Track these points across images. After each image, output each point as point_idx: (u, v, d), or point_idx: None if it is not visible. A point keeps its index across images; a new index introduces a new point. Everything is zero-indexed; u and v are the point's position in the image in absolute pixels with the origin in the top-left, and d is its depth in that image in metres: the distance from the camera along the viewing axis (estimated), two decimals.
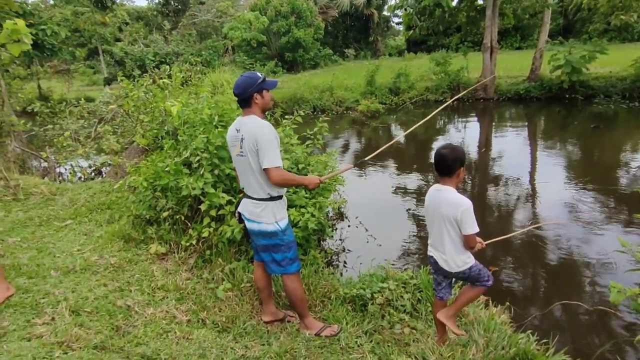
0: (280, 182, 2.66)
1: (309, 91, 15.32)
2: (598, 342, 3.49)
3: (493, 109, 14.53)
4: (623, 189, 6.92)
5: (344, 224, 6.01)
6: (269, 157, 2.60)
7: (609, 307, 3.77)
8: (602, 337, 3.58)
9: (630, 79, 13.79)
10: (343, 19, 31.31)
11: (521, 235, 5.32)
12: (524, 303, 4.15)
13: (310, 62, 24.49)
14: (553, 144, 10.27)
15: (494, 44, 14.77)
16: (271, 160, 2.60)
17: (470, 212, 2.46)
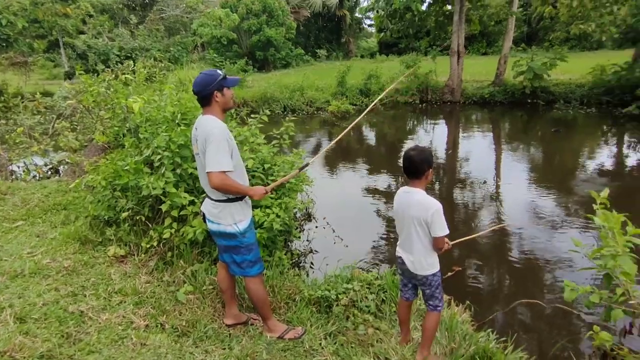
0: (219, 187, 2.56)
1: (279, 90, 15.22)
2: (555, 339, 3.61)
3: (460, 112, 14.89)
4: (581, 191, 7.22)
5: (312, 225, 5.98)
6: (213, 159, 2.50)
7: (565, 305, 3.92)
8: (559, 333, 3.71)
9: (588, 86, 14.46)
10: (315, 19, 31.33)
11: (483, 235, 5.45)
12: (485, 302, 4.25)
13: (281, 62, 24.36)
14: (516, 147, 10.63)
15: (460, 49, 15.14)
16: (214, 163, 2.50)
17: (440, 213, 2.48)
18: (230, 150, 2.61)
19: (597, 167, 8.68)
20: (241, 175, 2.79)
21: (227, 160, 2.54)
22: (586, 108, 13.99)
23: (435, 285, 2.71)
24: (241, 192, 2.69)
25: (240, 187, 2.68)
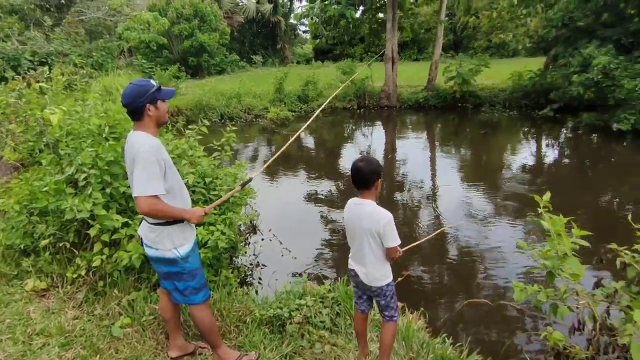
0: (149, 213, 2.30)
1: (215, 98, 14.71)
2: (506, 337, 3.73)
3: (396, 117, 15.39)
4: (511, 188, 7.70)
5: (257, 238, 5.76)
6: (139, 182, 2.24)
7: (511, 302, 4.08)
8: (509, 331, 3.85)
9: (508, 90, 15.65)
10: (249, 25, 30.91)
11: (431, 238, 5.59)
12: (436, 305, 4.32)
13: (216, 68, 23.67)
14: (450, 149, 11.16)
15: (394, 56, 15.68)
16: (141, 187, 2.24)
17: (392, 224, 2.45)
18: (163, 170, 2.33)
19: (521, 164, 9.37)
20: (179, 196, 2.52)
21: (156, 183, 2.27)
22: (509, 111, 15.12)
23: (390, 295, 2.70)
24: (175, 216, 2.42)
25: (174, 210, 2.41)
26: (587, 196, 7.28)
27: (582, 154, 10.52)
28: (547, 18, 12.77)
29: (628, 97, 10.27)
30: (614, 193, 7.58)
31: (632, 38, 11.08)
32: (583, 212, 6.52)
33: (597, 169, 9.22)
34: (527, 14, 14.00)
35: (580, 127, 12.03)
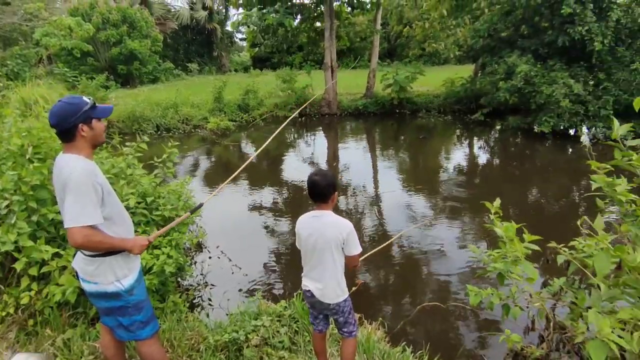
0: (84, 245, 2.05)
1: (150, 108, 13.93)
2: (461, 339, 3.83)
3: (337, 124, 15.59)
4: (451, 190, 8.05)
5: (204, 256, 5.48)
6: (72, 212, 1.99)
7: (462, 304, 4.22)
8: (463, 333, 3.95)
9: (442, 96, 16.54)
10: (184, 32, 29.90)
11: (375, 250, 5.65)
12: (392, 312, 4.35)
13: (148, 76, 22.52)
14: (391, 154, 11.49)
15: (333, 64, 15.91)
16: (74, 216, 1.99)
17: (354, 232, 2.48)
18: (100, 195, 2.09)
19: (457, 167, 9.90)
20: (120, 223, 2.28)
21: (92, 211, 2.02)
22: (443, 116, 15.95)
23: (348, 311, 2.69)
24: (115, 246, 2.17)
25: (113, 241, 2.16)
26: (516, 194, 7.82)
27: (509, 155, 11.32)
28: (475, 29, 13.69)
29: (547, 102, 11.24)
30: (539, 190, 8.21)
31: (547, 48, 12.17)
32: (514, 210, 6.98)
33: (524, 169, 9.96)
34: (456, 24, 14.96)
35: (507, 129, 12.98)
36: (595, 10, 10.98)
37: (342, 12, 16.75)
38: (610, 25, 10.99)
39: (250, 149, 12.37)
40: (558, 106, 11.04)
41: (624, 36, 11.60)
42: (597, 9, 11.01)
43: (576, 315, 2.48)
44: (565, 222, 6.48)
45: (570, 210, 7.13)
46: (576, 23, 10.97)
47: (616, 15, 10.95)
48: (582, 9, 10.78)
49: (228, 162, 10.79)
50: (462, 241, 5.91)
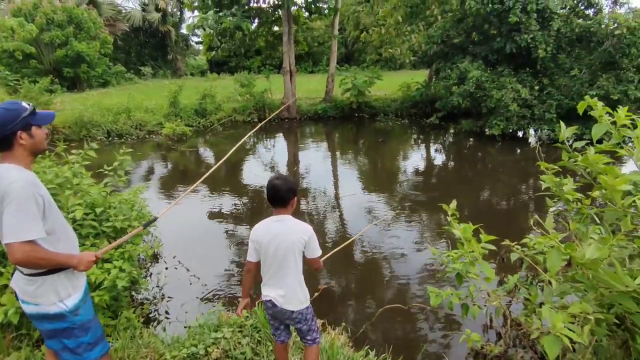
0: (25, 262, 1.90)
1: (100, 113, 13.26)
2: (423, 339, 3.87)
3: (297, 128, 15.57)
4: (409, 192, 8.21)
5: (160, 267, 5.25)
6: (11, 226, 1.85)
7: (423, 304, 4.28)
8: (425, 333, 4.00)
9: (399, 100, 16.95)
10: (135, 34, 28.82)
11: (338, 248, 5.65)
12: (354, 316, 4.34)
13: (98, 80, 21.46)
14: (351, 157, 11.59)
15: (292, 68, 15.88)
16: (13, 231, 1.85)
17: (315, 235, 2.51)
18: (42, 208, 1.94)
19: (414, 169, 10.16)
20: (64, 238, 2.12)
21: (33, 225, 1.88)
22: (400, 119, 16.35)
23: (311, 318, 2.67)
24: (59, 263, 2.02)
25: (57, 257, 2.01)
26: (471, 195, 8.11)
27: (463, 157, 11.75)
28: (428, 35, 14.14)
29: (497, 106, 11.78)
30: (492, 190, 8.57)
31: (497, 55, 12.77)
32: (469, 210, 7.23)
33: (477, 170, 10.37)
34: (411, 31, 15.41)
35: (461, 132, 13.48)
36: (539, 19, 11.65)
37: (299, 16, 16.77)
38: (552, 34, 11.71)
39: (208, 155, 12.08)
40: (507, 110, 11.59)
41: (564, 44, 12.40)
42: (540, 18, 11.69)
43: (530, 311, 2.58)
44: (517, 220, 6.78)
45: (521, 209, 7.48)
46: (522, 31, 11.60)
47: (557, 24, 11.68)
48: (527, 18, 11.41)
49: (185, 169, 10.46)
50: (422, 242, 6.03)
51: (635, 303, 1.78)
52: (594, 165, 2.04)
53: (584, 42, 12.27)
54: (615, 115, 2.07)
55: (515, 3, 11.28)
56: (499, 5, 11.55)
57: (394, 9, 15.77)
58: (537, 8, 11.34)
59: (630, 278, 1.65)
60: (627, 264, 2.11)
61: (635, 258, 2.06)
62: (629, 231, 2.04)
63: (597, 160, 2.03)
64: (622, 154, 2.05)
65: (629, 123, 2.08)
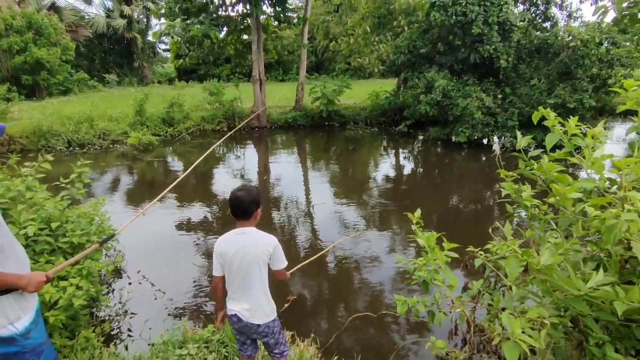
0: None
1: (60, 122, 12.73)
2: (392, 348, 3.88)
3: (267, 137, 15.48)
4: (380, 199, 8.29)
5: (124, 282, 5.05)
6: None
7: (392, 312, 4.30)
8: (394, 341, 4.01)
9: (368, 109, 17.18)
10: (99, 41, 28.00)
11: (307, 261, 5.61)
12: (324, 326, 4.31)
13: (58, 88, 20.64)
14: (322, 166, 11.61)
15: (262, 77, 15.83)
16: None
17: (280, 246, 2.49)
18: None
19: (384, 176, 10.28)
20: (12, 257, 2.00)
21: None
22: (370, 127, 16.57)
23: (278, 331, 2.63)
24: (7, 284, 1.92)
25: (4, 278, 1.90)
26: (438, 201, 8.27)
27: (431, 164, 12.00)
28: (396, 45, 14.44)
29: (462, 114, 12.12)
30: (458, 197, 8.77)
31: (462, 64, 13.18)
32: (436, 216, 7.37)
33: (444, 177, 10.60)
34: (379, 40, 15.70)
35: (428, 140, 13.79)
36: (500, 31, 12.12)
37: (269, 25, 16.78)
38: (512, 45, 12.21)
39: (176, 165, 11.81)
40: (472, 118, 11.95)
41: (524, 55, 12.94)
42: (502, 30, 12.16)
43: (493, 317, 2.63)
44: (482, 225, 6.96)
45: (486, 214, 7.69)
46: (485, 42, 12.03)
47: (517, 36, 12.20)
48: (489, 30, 11.85)
49: (152, 180, 10.18)
50: (391, 250, 6.08)
51: (588, 306, 1.84)
52: (547, 173, 2.11)
53: (542, 53, 12.85)
54: (567, 125, 2.16)
55: (478, 15, 11.69)
56: (462, 17, 11.94)
57: (362, 19, 16.05)
58: (498, 20, 11.80)
59: (582, 282, 1.70)
60: (581, 267, 2.19)
61: (588, 262, 2.14)
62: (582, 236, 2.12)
63: (550, 169, 2.11)
64: (573, 161, 2.13)
65: (579, 132, 2.17)
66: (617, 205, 1.78)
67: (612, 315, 1.84)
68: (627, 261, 2.03)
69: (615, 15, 3.71)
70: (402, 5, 15.42)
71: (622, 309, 1.61)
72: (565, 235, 2.14)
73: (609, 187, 2.07)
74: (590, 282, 1.68)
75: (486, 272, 3.00)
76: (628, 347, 1.92)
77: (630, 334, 1.93)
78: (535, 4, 13.56)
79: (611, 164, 2.04)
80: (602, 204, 1.88)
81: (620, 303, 1.61)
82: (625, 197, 1.71)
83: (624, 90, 2.05)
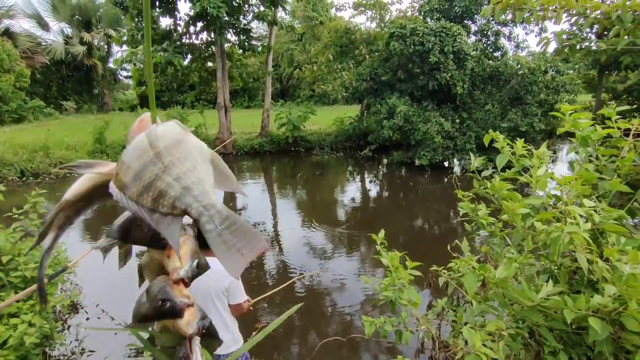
0: None
1: (12, 151, 12.17)
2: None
3: (233, 163, 15.38)
4: (347, 223, 8.37)
5: (81, 318, 4.79)
6: None
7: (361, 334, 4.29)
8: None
9: (334, 134, 17.51)
10: (57, 67, 27.20)
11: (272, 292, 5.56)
12: (294, 352, 4.24)
13: (12, 115, 19.79)
14: (289, 191, 11.63)
15: (227, 103, 15.85)
16: None
17: (237, 281, 2.37)
18: None
19: (351, 200, 10.41)
20: None
21: None
22: (336, 152, 16.84)
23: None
24: None
25: None
26: (403, 222, 8.46)
27: (396, 186, 12.29)
28: (358, 73, 14.93)
29: (424, 138, 12.58)
30: (422, 217, 9.00)
31: (421, 91, 13.78)
32: (402, 237, 7.51)
33: (408, 199, 10.87)
34: (341, 68, 16.21)
35: (392, 163, 14.16)
36: (455, 60, 12.83)
37: (233, 53, 16.97)
38: (467, 73, 12.92)
39: None
40: (433, 142, 12.42)
41: (478, 82, 13.72)
42: (457, 59, 12.87)
43: (457, 332, 2.69)
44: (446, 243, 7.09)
45: (450, 232, 7.92)
46: (441, 70, 12.67)
47: (470, 64, 12.94)
48: (445, 59, 12.51)
49: (112, 209, 9.81)
50: (360, 272, 6.12)
51: (543, 316, 1.94)
52: (499, 192, 2.24)
53: (494, 80, 13.67)
54: (515, 147, 2.32)
55: (434, 45, 12.35)
56: (419, 47, 12.57)
57: (325, 47, 16.56)
58: (453, 50, 12.49)
59: (534, 293, 1.80)
60: (536, 280, 2.31)
61: (541, 274, 2.26)
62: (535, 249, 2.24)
63: (501, 187, 2.24)
64: (522, 180, 2.28)
65: (526, 153, 2.33)
66: (562, 220, 1.91)
67: (564, 324, 1.95)
68: (575, 272, 2.17)
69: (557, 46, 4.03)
70: (362, 35, 16.07)
71: (571, 317, 1.71)
72: (518, 250, 2.26)
73: (555, 203, 2.22)
74: (541, 293, 1.78)
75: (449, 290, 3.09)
76: (580, 354, 2.02)
77: (581, 342, 2.04)
78: (486, 35, 14.51)
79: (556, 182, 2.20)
80: (549, 218, 2.01)
81: (569, 311, 1.71)
82: (567, 212, 1.85)
83: (562, 114, 2.24)
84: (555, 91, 12.77)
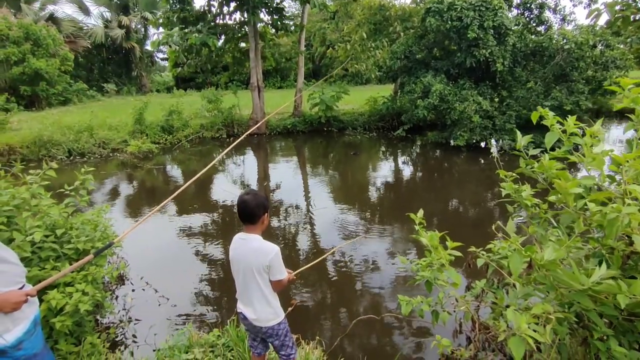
0: None
1: (60, 132, 12.79)
2: (397, 349, 3.89)
3: (266, 143, 15.53)
4: (381, 203, 8.33)
5: (127, 289, 5.06)
6: None
7: (396, 314, 4.32)
8: (399, 342, 4.03)
9: (366, 114, 17.27)
10: (98, 51, 28.12)
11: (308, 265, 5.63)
12: (328, 329, 4.32)
13: (58, 98, 20.71)
14: (322, 171, 11.65)
15: (260, 84, 15.92)
16: None
17: (279, 256, 2.43)
18: None
19: (385, 180, 10.30)
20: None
21: None
22: (368, 133, 16.65)
23: (284, 334, 2.64)
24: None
25: None
26: (439, 203, 8.31)
27: (430, 167, 12.05)
28: (392, 51, 14.55)
29: (460, 118, 12.20)
30: (458, 199, 8.81)
31: (458, 69, 13.29)
32: (437, 218, 7.39)
33: (444, 180, 10.64)
34: (375, 47, 15.84)
35: (427, 144, 13.86)
36: (496, 35, 12.25)
37: (266, 33, 16.91)
38: (508, 49, 12.32)
39: (175, 172, 11.83)
40: (470, 121, 12.03)
41: (520, 58, 13.06)
42: (497, 34, 12.29)
43: (497, 314, 2.65)
44: (482, 226, 6.99)
45: (487, 215, 7.72)
46: (480, 46, 12.14)
47: (512, 40, 12.32)
48: (484, 34, 11.97)
49: (152, 187, 10.19)
50: (393, 252, 6.10)
51: (593, 301, 1.87)
52: (548, 171, 2.15)
53: (537, 57, 12.97)
54: (565, 124, 2.20)
55: (473, 20, 11.82)
56: (457, 22, 12.06)
57: (358, 25, 16.19)
58: (493, 25, 11.92)
59: (585, 277, 1.74)
60: (584, 263, 2.22)
61: (591, 258, 2.17)
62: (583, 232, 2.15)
63: (551, 166, 2.15)
64: (572, 160, 2.17)
65: (577, 131, 2.22)
66: (618, 200, 1.81)
67: (615, 309, 1.87)
68: (629, 257, 2.07)
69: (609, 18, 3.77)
70: (397, 11, 15.58)
71: (625, 302, 1.64)
72: (567, 232, 2.17)
73: (610, 183, 2.11)
74: (593, 277, 1.71)
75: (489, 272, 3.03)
76: (631, 341, 1.95)
77: (633, 328, 1.96)
78: (529, 8, 13.70)
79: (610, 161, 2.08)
80: (603, 199, 1.92)
81: (623, 296, 1.64)
82: (626, 191, 1.75)
83: (621, 88, 2.10)
84: (604, 67, 11.99)
